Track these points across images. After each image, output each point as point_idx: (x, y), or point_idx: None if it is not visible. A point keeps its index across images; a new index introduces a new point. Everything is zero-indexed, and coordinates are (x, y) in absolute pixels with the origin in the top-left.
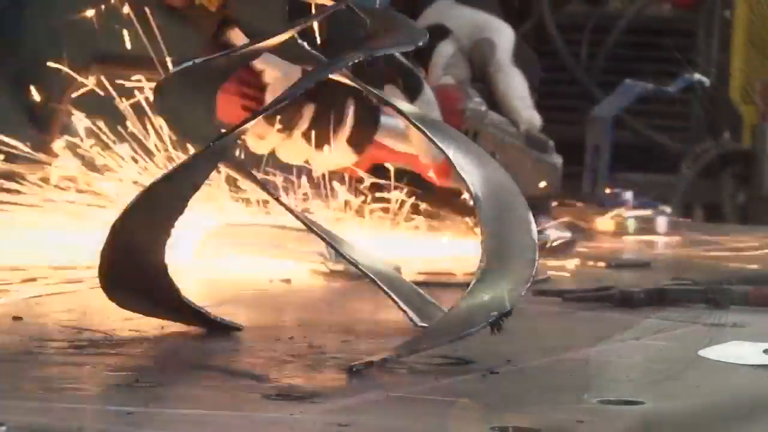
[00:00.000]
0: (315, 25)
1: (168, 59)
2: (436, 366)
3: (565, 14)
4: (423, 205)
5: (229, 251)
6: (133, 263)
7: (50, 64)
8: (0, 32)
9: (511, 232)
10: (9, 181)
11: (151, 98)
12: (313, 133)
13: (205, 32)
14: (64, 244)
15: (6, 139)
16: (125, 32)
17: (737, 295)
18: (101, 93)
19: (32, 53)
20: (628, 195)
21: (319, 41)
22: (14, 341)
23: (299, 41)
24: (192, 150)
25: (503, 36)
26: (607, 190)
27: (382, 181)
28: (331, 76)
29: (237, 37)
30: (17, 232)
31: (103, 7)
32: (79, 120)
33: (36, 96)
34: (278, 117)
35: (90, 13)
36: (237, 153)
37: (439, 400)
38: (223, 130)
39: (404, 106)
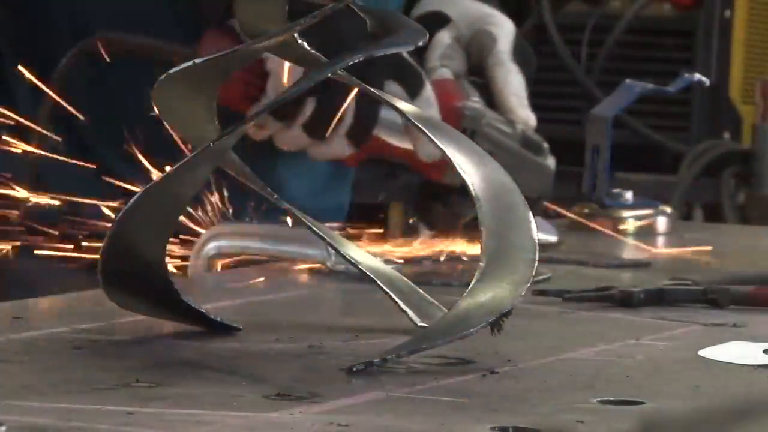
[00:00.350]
0: None
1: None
2: (436, 366)
3: (565, 14)
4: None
5: (229, 251)
6: (133, 263)
7: None
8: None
9: (511, 232)
10: None
11: None
12: (312, 124)
13: (212, 16)
14: None
15: None
16: None
17: (737, 295)
18: None
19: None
20: (628, 195)
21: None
22: (14, 341)
23: (299, 41)
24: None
25: (504, 30)
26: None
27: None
28: (330, 76)
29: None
30: None
31: None
32: None
33: None
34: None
35: None
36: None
37: (439, 400)
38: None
39: (404, 105)
